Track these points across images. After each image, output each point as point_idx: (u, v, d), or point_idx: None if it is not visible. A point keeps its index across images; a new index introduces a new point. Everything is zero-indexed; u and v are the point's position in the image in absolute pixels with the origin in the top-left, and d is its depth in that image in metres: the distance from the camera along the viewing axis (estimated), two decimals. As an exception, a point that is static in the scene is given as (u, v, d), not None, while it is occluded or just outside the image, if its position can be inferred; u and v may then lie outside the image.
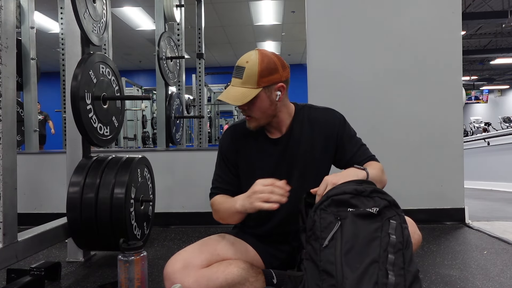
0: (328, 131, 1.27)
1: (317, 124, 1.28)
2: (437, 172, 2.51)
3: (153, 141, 7.14)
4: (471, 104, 17.45)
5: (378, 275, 0.85)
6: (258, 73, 1.14)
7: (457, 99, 2.53)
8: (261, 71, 1.15)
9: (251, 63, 1.15)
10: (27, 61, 3.05)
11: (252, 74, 1.14)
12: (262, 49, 1.20)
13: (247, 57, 1.17)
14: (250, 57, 1.16)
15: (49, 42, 5.70)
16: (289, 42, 8.05)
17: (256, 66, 1.15)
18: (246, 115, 1.22)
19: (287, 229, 1.28)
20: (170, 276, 1.11)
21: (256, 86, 1.15)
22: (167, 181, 2.66)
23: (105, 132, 1.81)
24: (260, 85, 1.15)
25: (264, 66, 1.15)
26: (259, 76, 1.15)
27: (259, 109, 1.19)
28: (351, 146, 1.28)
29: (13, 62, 1.26)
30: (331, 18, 2.58)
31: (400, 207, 0.98)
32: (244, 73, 1.15)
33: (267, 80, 1.16)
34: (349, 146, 1.28)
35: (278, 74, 1.18)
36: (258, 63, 1.15)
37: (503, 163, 5.85)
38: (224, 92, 1.20)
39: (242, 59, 1.18)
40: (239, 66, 1.17)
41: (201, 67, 3.93)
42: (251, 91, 1.15)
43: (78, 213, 1.62)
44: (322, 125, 1.28)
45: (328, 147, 1.27)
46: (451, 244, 2.04)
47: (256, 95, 1.15)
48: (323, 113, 1.31)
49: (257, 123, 1.21)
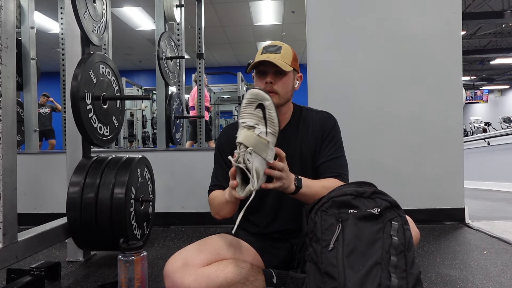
0: (317, 132, 1.28)
1: (310, 125, 1.29)
2: (437, 172, 2.51)
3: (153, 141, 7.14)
4: (471, 104, 17.45)
5: (381, 278, 0.85)
6: (293, 55, 1.25)
7: (457, 99, 2.53)
8: (294, 54, 1.25)
9: (286, 46, 1.24)
10: (27, 61, 3.05)
11: (288, 54, 1.23)
12: None
13: (278, 42, 1.25)
14: (281, 43, 1.25)
15: (49, 42, 5.69)
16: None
17: (290, 50, 1.25)
18: (269, 90, 1.19)
19: (286, 228, 1.29)
20: (170, 275, 1.11)
21: (291, 64, 1.22)
22: (167, 181, 2.66)
23: (105, 132, 1.81)
24: (292, 65, 1.23)
25: (294, 53, 1.26)
26: (293, 58, 1.24)
27: (285, 87, 1.23)
28: (327, 152, 1.26)
29: (13, 62, 1.26)
30: (331, 18, 2.58)
31: (401, 208, 0.97)
32: (282, 50, 1.22)
33: (296, 64, 1.26)
34: (326, 151, 1.26)
35: (299, 65, 1.28)
36: (290, 48, 1.26)
37: (503, 163, 5.85)
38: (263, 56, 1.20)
39: (274, 42, 1.25)
40: (276, 45, 1.23)
41: (201, 67, 3.93)
42: (287, 66, 1.21)
43: (78, 213, 1.62)
44: (314, 126, 1.29)
45: (317, 147, 1.28)
46: (451, 244, 2.04)
47: (289, 71, 1.21)
48: (317, 115, 1.32)
49: (278, 100, 1.21)
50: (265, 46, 1.24)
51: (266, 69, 1.21)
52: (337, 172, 1.23)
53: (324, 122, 1.29)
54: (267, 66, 1.20)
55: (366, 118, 2.55)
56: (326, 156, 1.25)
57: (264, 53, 1.22)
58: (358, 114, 2.56)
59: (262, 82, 1.22)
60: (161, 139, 3.13)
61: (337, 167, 1.25)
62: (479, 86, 16.47)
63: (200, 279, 1.09)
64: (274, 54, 1.20)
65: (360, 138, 2.53)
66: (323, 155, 1.26)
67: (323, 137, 1.27)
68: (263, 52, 1.22)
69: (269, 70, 1.21)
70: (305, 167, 1.27)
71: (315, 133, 1.28)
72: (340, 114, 2.73)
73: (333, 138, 1.28)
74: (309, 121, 1.30)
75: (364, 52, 2.56)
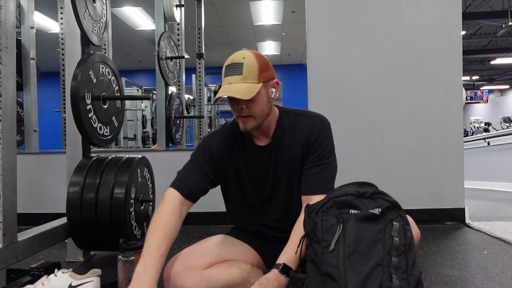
0: (304, 139, 1.20)
1: (297, 132, 1.22)
2: (437, 172, 2.51)
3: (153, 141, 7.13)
4: (471, 104, 17.44)
5: (382, 279, 0.84)
6: (258, 67, 1.12)
7: (457, 99, 2.53)
8: (260, 65, 1.12)
9: (249, 59, 1.12)
10: (27, 61, 3.04)
11: (253, 69, 1.11)
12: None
13: (241, 54, 1.13)
14: (244, 54, 1.13)
15: (49, 42, 5.68)
16: (289, 42, 8.04)
17: (255, 61, 1.12)
18: (242, 116, 1.15)
19: (287, 229, 1.28)
20: (170, 278, 1.10)
21: (257, 81, 1.12)
22: (167, 181, 2.64)
23: (105, 132, 1.81)
24: (260, 80, 1.12)
25: (261, 61, 1.14)
26: (260, 71, 1.12)
27: (259, 106, 1.14)
28: (312, 159, 1.18)
29: (13, 62, 1.26)
30: (331, 18, 2.58)
31: (402, 208, 0.97)
32: (244, 68, 1.10)
33: (265, 75, 1.14)
34: (311, 158, 1.19)
35: (271, 70, 1.18)
36: (255, 58, 1.13)
37: (503, 163, 5.84)
38: (223, 88, 1.11)
39: (235, 56, 1.13)
40: (236, 63, 1.12)
41: (201, 67, 3.93)
42: (254, 85, 1.11)
43: (78, 213, 1.62)
44: (302, 133, 1.21)
45: (303, 155, 1.21)
46: (451, 244, 2.04)
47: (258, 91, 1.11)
48: (307, 120, 1.23)
49: (255, 122, 1.16)
50: (227, 64, 1.13)
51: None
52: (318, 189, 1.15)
53: (312, 127, 1.20)
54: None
55: (366, 118, 2.55)
56: (310, 163, 1.19)
57: (226, 75, 1.12)
58: (358, 114, 2.56)
59: (234, 108, 1.15)
60: (161, 139, 3.13)
61: (320, 182, 1.16)
62: (479, 86, 16.47)
63: (201, 282, 1.08)
64: (235, 77, 1.10)
65: (360, 138, 2.53)
66: (307, 162, 1.19)
67: (309, 144, 1.19)
68: (225, 73, 1.13)
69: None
70: (292, 177, 1.22)
71: (301, 140, 1.20)
72: (340, 114, 2.71)
73: (320, 145, 1.19)
74: (297, 127, 1.22)
75: (364, 52, 2.56)
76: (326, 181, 1.18)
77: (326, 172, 1.18)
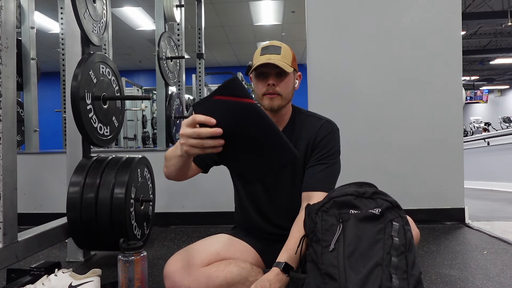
0: (311, 138, 1.24)
1: (306, 130, 1.25)
2: (437, 172, 2.51)
3: (153, 141, 7.13)
4: (471, 104, 17.44)
5: (382, 279, 0.84)
6: (292, 55, 1.22)
7: (457, 99, 2.53)
8: (293, 54, 1.22)
9: (285, 46, 1.21)
10: (27, 61, 3.04)
11: (288, 54, 1.20)
12: None
13: (277, 42, 1.22)
14: (279, 43, 1.21)
15: (49, 42, 5.68)
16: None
17: (289, 49, 1.22)
18: (270, 93, 1.18)
19: (286, 227, 1.29)
20: (170, 275, 1.11)
21: (291, 65, 1.19)
22: (167, 181, 2.64)
23: (105, 132, 1.81)
24: (292, 66, 1.20)
25: (293, 52, 1.23)
26: (293, 58, 1.21)
27: (288, 88, 1.21)
28: (317, 157, 1.21)
29: (13, 62, 1.26)
30: (331, 18, 2.58)
31: (402, 208, 0.97)
32: (282, 51, 1.19)
33: (295, 64, 1.23)
34: (316, 156, 1.21)
35: (297, 64, 1.25)
36: (289, 48, 1.22)
37: (503, 163, 5.84)
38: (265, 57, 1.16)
39: (272, 42, 1.22)
40: (275, 45, 1.20)
41: (201, 67, 3.93)
42: (288, 66, 1.18)
43: (78, 213, 1.62)
44: (310, 132, 1.25)
45: (307, 152, 1.24)
46: (451, 244, 2.04)
47: (290, 72, 1.19)
48: (317, 122, 1.27)
49: (281, 102, 1.19)
50: (264, 46, 1.20)
51: (268, 71, 1.18)
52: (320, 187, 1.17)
53: (320, 128, 1.24)
54: (269, 68, 1.17)
55: (366, 118, 2.55)
56: (314, 161, 1.21)
57: (263, 54, 1.18)
58: (358, 114, 2.56)
59: (263, 84, 1.19)
60: (161, 139, 3.13)
61: (323, 180, 1.18)
62: (479, 86, 16.47)
63: (200, 279, 1.09)
64: (274, 55, 1.16)
65: (360, 138, 2.53)
66: (312, 160, 1.22)
67: (315, 143, 1.23)
68: (262, 53, 1.18)
69: (270, 72, 1.18)
70: (295, 174, 1.25)
71: (308, 139, 1.24)
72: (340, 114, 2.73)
73: (326, 145, 1.22)
74: (306, 126, 1.26)
75: (364, 52, 2.56)
76: (328, 180, 1.20)
77: (328, 171, 1.21)
